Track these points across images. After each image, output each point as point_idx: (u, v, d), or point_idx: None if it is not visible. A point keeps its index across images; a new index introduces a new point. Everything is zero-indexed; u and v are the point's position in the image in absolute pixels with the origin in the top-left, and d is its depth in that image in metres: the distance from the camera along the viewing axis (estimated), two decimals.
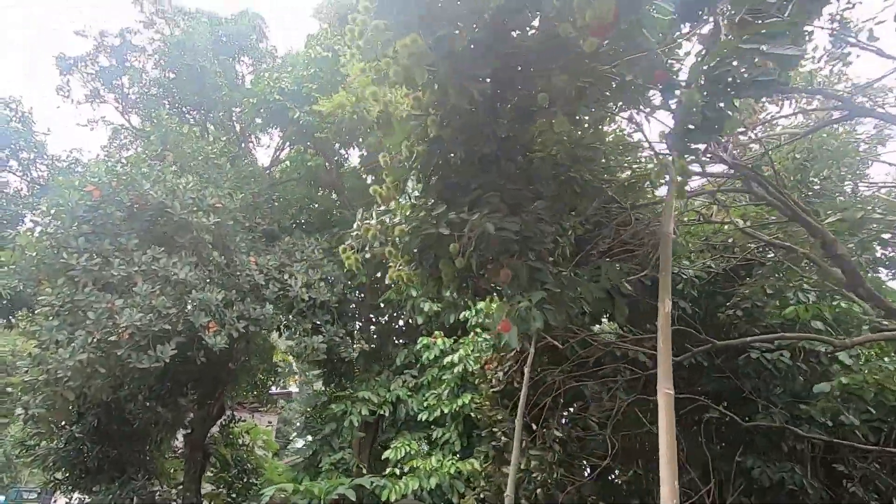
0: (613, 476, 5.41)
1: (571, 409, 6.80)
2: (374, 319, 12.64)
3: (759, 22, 2.45)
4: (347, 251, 3.88)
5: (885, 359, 5.54)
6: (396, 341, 12.24)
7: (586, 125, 4.00)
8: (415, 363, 10.52)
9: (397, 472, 7.80)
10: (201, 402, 12.57)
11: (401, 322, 13.10)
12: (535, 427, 5.81)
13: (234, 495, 13.65)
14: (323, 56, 10.93)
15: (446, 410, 8.11)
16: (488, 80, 3.28)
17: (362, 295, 11.98)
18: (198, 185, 9.21)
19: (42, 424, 10.51)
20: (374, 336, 11.84)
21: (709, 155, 4.15)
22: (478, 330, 8.76)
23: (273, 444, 18.15)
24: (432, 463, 7.49)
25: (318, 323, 9.95)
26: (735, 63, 2.28)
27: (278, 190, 12.80)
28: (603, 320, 6.08)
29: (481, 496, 6.95)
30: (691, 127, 2.66)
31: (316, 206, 13.25)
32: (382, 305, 12.68)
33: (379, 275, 12.69)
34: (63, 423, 11.14)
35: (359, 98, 9.97)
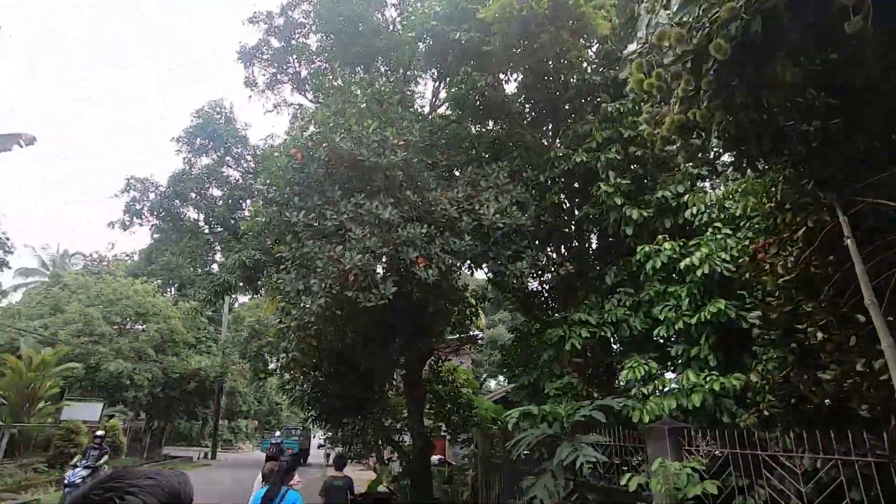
0: None
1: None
2: (567, 244, 11.74)
3: None
4: (635, 72, 2.92)
5: None
6: (595, 263, 11.20)
7: None
8: (626, 280, 9.40)
9: (645, 391, 6.95)
10: (409, 347, 13.40)
11: (594, 244, 12.01)
12: (862, 318, 4.35)
13: (452, 428, 14.56)
14: None
15: (692, 321, 6.89)
16: None
17: (552, 219, 11.13)
18: (378, 127, 9.26)
19: (296, 368, 12.28)
20: (571, 259, 10.97)
21: None
22: (717, 225, 7.23)
23: (474, 383, 18.93)
24: (690, 378, 6.43)
25: (518, 249, 9.45)
26: None
27: (446, 128, 12.51)
28: None
29: (766, 413, 5.71)
30: None
31: (485, 139, 12.66)
32: (570, 229, 11.71)
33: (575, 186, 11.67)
34: (308, 369, 12.84)
35: None
